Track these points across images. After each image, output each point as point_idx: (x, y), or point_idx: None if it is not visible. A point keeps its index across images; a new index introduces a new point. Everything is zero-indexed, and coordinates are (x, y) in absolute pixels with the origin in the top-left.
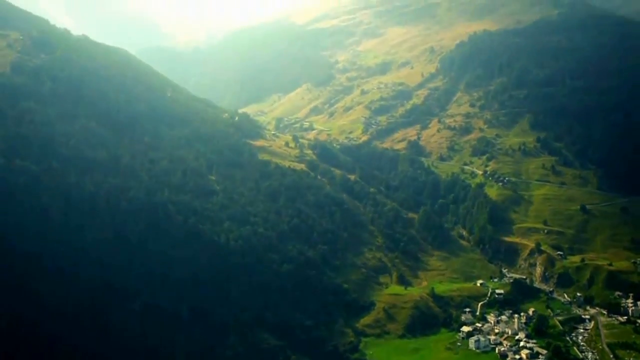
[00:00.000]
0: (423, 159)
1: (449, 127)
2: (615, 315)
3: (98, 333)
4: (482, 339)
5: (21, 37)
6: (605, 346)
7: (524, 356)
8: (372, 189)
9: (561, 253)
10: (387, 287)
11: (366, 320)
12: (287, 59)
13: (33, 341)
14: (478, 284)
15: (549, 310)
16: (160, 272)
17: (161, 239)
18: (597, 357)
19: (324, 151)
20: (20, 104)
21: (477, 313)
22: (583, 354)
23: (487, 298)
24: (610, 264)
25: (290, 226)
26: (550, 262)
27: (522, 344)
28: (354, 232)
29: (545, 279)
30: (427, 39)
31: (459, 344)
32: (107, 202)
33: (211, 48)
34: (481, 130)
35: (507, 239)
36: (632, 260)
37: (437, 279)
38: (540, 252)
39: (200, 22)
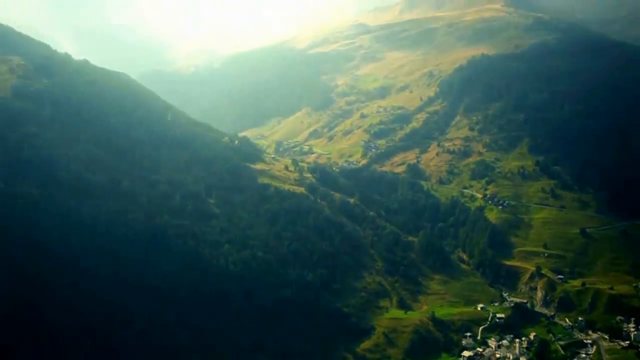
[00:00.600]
0: (422, 182)
1: (448, 151)
2: (617, 340)
3: (97, 356)
4: None
5: (23, 62)
6: None
7: None
8: (371, 213)
9: (562, 277)
10: (387, 311)
11: (366, 344)
12: (287, 82)
13: None
14: (479, 308)
15: (551, 335)
16: (159, 296)
17: (160, 262)
18: None
19: (323, 175)
20: (21, 128)
21: (478, 337)
22: None
23: (488, 322)
24: (612, 288)
25: (290, 250)
26: (550, 286)
27: None
28: (354, 255)
29: (546, 303)
30: (425, 63)
31: None
32: (107, 226)
33: (211, 72)
34: (480, 153)
35: (507, 262)
36: (634, 285)
37: (437, 302)
38: (541, 275)
39: (200, 46)
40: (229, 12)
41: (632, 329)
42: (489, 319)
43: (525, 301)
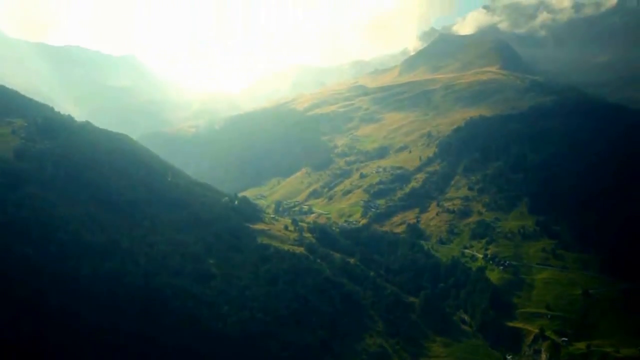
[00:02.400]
0: (423, 242)
1: (448, 211)
2: None
3: None
4: None
5: (25, 124)
6: None
7: None
8: (371, 273)
9: (566, 339)
10: None
11: None
12: (286, 143)
13: None
14: None
15: None
16: (156, 358)
17: (158, 323)
18: None
19: (323, 234)
20: (21, 188)
21: None
22: None
23: None
24: (617, 351)
25: (289, 311)
26: (555, 349)
27: None
28: (354, 316)
29: None
30: (424, 124)
31: None
32: (105, 286)
33: (212, 133)
34: (480, 213)
35: (510, 324)
36: (639, 347)
37: None
38: (545, 338)
39: (201, 107)
40: (229, 75)
41: None
42: None
43: None
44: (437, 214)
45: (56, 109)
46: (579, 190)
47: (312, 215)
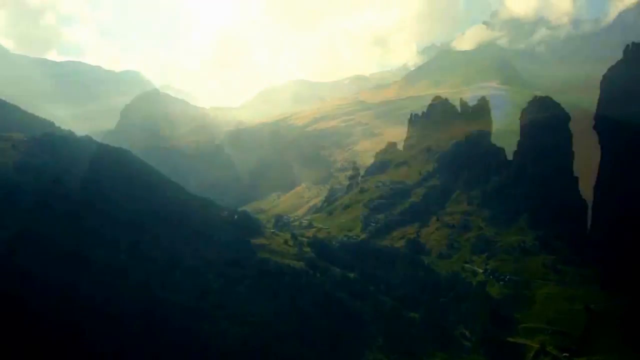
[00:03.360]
0: (423, 256)
1: (448, 225)
2: None
3: None
4: None
5: (26, 139)
6: None
7: None
8: (371, 288)
9: (567, 354)
10: None
11: None
12: (286, 158)
13: None
14: None
15: None
16: None
17: (157, 339)
18: None
19: (323, 249)
20: (21, 204)
21: None
22: None
23: None
24: None
25: (289, 326)
26: None
27: None
28: (354, 331)
29: None
30: (424, 138)
31: None
32: (104, 301)
33: (212, 148)
34: (480, 228)
35: (511, 339)
36: None
37: None
38: (546, 353)
39: (202, 122)
40: (230, 90)
41: None
42: None
43: None
44: (437, 229)
45: (56, 124)
46: (579, 205)
47: (312, 229)
